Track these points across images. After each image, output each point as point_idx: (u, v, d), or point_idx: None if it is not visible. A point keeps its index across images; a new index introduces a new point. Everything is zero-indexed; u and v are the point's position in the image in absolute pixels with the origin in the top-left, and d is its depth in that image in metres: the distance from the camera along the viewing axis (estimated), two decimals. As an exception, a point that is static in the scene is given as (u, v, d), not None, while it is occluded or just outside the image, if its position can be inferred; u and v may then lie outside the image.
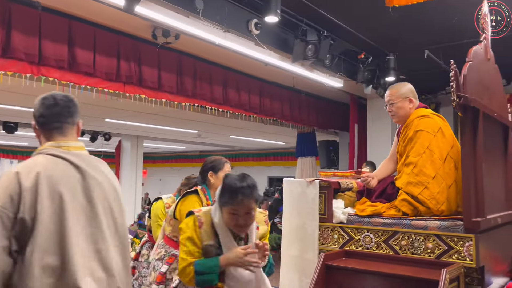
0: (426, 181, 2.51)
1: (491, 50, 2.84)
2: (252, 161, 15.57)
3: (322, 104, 8.26)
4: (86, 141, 10.77)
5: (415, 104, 2.81)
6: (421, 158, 2.56)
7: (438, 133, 2.63)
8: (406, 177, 2.58)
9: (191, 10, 3.81)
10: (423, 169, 2.53)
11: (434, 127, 2.64)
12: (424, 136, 2.61)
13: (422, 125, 2.65)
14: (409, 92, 2.82)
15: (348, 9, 4.75)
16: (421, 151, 2.58)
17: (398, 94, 2.81)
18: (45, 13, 4.23)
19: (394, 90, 2.84)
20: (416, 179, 2.53)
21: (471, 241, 2.28)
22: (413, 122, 2.70)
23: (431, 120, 2.69)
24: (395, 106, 2.82)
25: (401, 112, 2.80)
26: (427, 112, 2.78)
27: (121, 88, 5.01)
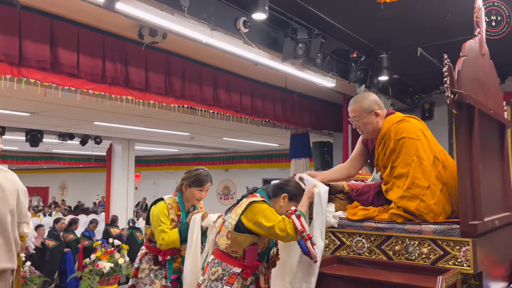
0: (420, 194, 2.33)
1: (486, 45, 2.73)
2: (247, 163, 15.45)
3: (315, 104, 8.14)
4: (76, 145, 10.61)
5: (382, 115, 2.60)
6: (411, 168, 2.38)
7: (420, 136, 2.45)
8: (399, 190, 2.39)
9: (176, 8, 3.67)
10: (415, 181, 2.35)
11: (415, 131, 2.47)
12: (408, 143, 2.42)
13: (402, 131, 2.46)
14: (373, 105, 2.59)
15: (339, 7, 4.64)
16: (409, 160, 2.40)
17: (361, 109, 2.58)
18: (25, 12, 4.08)
19: (357, 105, 2.61)
20: (409, 193, 2.35)
21: (468, 245, 2.16)
22: (391, 131, 2.50)
23: (410, 124, 2.51)
24: (361, 122, 2.60)
25: (369, 128, 2.60)
26: (400, 116, 2.60)
27: (107, 89, 4.87)
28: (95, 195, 19.86)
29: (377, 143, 2.59)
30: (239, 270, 2.43)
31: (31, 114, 7.34)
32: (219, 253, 2.52)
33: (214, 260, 2.52)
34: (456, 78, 2.17)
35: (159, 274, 3.14)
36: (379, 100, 2.67)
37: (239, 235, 2.44)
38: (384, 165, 2.56)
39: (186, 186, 3.19)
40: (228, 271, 2.45)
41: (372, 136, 2.67)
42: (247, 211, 2.44)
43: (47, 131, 9.61)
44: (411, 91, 7.58)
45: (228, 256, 2.48)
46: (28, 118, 7.72)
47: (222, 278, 2.44)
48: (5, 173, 2.51)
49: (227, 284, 2.41)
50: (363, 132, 2.67)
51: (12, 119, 7.95)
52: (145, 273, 3.15)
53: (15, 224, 2.49)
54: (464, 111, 2.22)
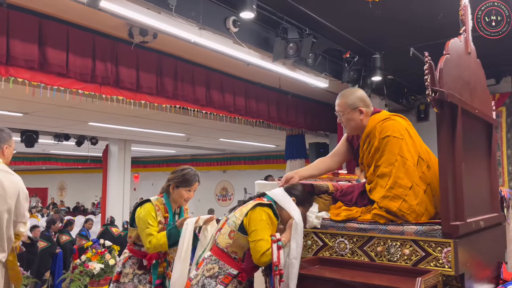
0: (403, 194, 2.30)
1: (472, 44, 2.69)
2: (244, 164, 15.41)
3: (310, 105, 8.11)
4: (72, 146, 10.58)
5: (367, 113, 2.56)
6: (394, 167, 2.34)
7: (405, 136, 2.41)
8: (382, 190, 2.36)
9: (164, 6, 3.64)
10: (398, 180, 2.32)
11: (400, 130, 2.43)
12: (392, 142, 2.39)
13: (387, 130, 2.42)
14: (358, 102, 2.55)
15: (330, 7, 4.61)
16: (392, 160, 2.36)
17: (346, 104, 2.54)
18: (13, 11, 4.06)
19: (342, 100, 2.57)
20: (392, 192, 2.31)
21: (449, 246, 2.11)
22: (376, 129, 2.46)
23: (395, 122, 2.48)
24: (344, 118, 2.57)
25: (351, 124, 2.57)
26: (386, 114, 2.56)
27: (97, 89, 4.84)
28: (94, 196, 19.83)
29: (362, 141, 2.56)
30: (236, 272, 2.37)
31: (24, 114, 7.32)
32: (217, 251, 2.44)
33: (211, 257, 2.45)
34: (438, 77, 2.14)
35: (143, 279, 3.00)
36: (365, 97, 2.63)
37: (242, 237, 2.38)
38: (368, 164, 2.52)
39: (174, 187, 3.07)
40: (224, 270, 2.38)
41: (354, 133, 2.64)
42: (251, 212, 2.39)
43: (43, 131, 9.58)
44: (406, 92, 7.54)
45: (227, 256, 2.41)
46: (21, 118, 7.69)
47: (217, 276, 2.37)
48: (11, 176, 2.70)
49: (221, 284, 2.34)
50: (346, 128, 2.65)
51: (6, 120, 7.91)
52: (129, 278, 3.01)
53: (11, 222, 2.64)
54: (446, 110, 2.18)
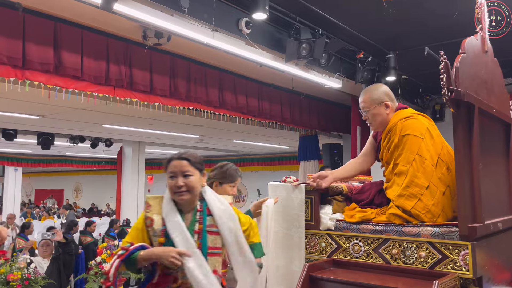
0: (419, 193, 2.28)
1: (489, 42, 2.64)
2: (257, 165, 15.39)
3: (323, 106, 8.06)
4: (87, 148, 10.70)
5: (392, 107, 2.56)
6: (412, 167, 2.33)
7: (426, 135, 2.40)
8: (398, 188, 2.35)
9: (176, 8, 3.65)
10: (415, 179, 2.30)
11: (421, 129, 2.41)
12: (412, 141, 2.37)
13: (407, 128, 2.41)
14: (383, 96, 2.55)
15: (343, 7, 4.58)
16: (410, 158, 2.35)
17: (371, 100, 2.55)
18: (29, 16, 4.12)
19: (367, 95, 2.58)
20: (408, 191, 2.30)
21: (467, 249, 2.07)
22: (397, 126, 2.45)
23: (417, 122, 2.46)
24: (370, 114, 2.57)
25: (378, 119, 2.56)
26: (409, 112, 2.55)
27: (111, 92, 4.88)
28: (109, 197, 20.02)
29: (383, 136, 2.55)
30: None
31: (40, 117, 7.42)
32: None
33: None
34: (454, 76, 2.10)
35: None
36: (390, 92, 2.62)
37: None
38: (387, 161, 2.51)
39: (217, 184, 2.85)
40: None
41: (381, 129, 2.62)
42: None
43: (58, 134, 9.71)
44: (421, 92, 7.45)
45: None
46: (37, 121, 7.81)
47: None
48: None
49: None
50: (372, 124, 2.63)
51: (23, 122, 8.05)
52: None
53: None
54: (462, 110, 2.14)
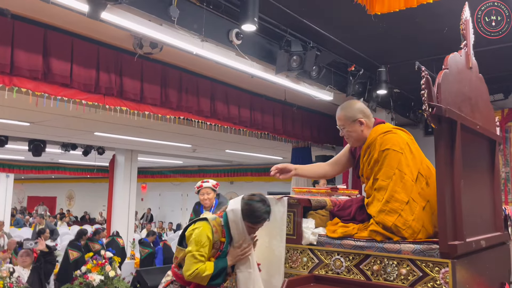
0: (399, 208, 2.26)
1: (473, 58, 2.64)
2: (251, 176, 15.34)
3: (316, 118, 8.06)
4: (78, 155, 10.63)
5: (367, 123, 2.55)
6: (392, 181, 2.31)
7: (405, 150, 2.39)
8: (378, 204, 2.33)
9: (166, 18, 3.64)
10: (395, 194, 2.29)
11: (400, 144, 2.40)
12: (392, 155, 2.36)
13: (387, 143, 2.41)
14: (357, 114, 2.55)
15: (334, 20, 4.59)
16: (390, 173, 2.33)
17: (345, 117, 2.56)
18: (18, 22, 4.10)
19: (342, 113, 2.58)
20: (388, 207, 2.28)
21: (447, 267, 2.05)
22: (376, 141, 2.44)
23: (396, 136, 2.45)
24: (345, 131, 2.58)
25: (353, 135, 2.57)
26: (388, 127, 2.55)
27: (101, 100, 4.85)
28: (102, 206, 19.88)
29: (362, 152, 2.54)
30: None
31: (30, 123, 7.37)
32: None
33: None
34: (436, 92, 2.09)
35: None
36: (365, 108, 2.63)
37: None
38: (367, 177, 2.50)
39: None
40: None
41: (357, 145, 2.63)
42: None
43: (50, 141, 9.65)
44: (413, 105, 7.46)
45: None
46: (28, 127, 7.76)
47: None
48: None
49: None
50: (348, 140, 2.65)
51: (14, 129, 7.99)
52: None
53: None
54: (444, 126, 2.13)
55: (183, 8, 3.71)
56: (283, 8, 4.16)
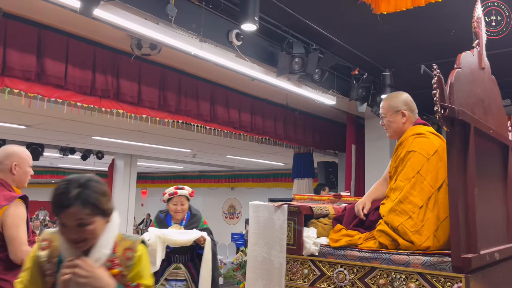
0: (411, 210, 2.12)
1: (486, 59, 2.49)
2: (252, 182, 15.17)
3: (318, 123, 7.91)
4: (77, 160, 10.49)
5: (410, 118, 2.47)
6: (409, 183, 2.19)
7: (433, 156, 2.25)
8: (390, 203, 2.21)
9: (163, 17, 3.51)
10: (410, 197, 2.16)
11: (428, 149, 2.27)
12: (416, 158, 2.24)
13: (415, 145, 2.29)
14: (401, 105, 2.49)
15: (338, 22, 4.45)
16: (410, 175, 2.21)
17: (389, 106, 2.51)
18: (11, 21, 3.97)
19: (386, 102, 2.55)
20: (400, 207, 2.15)
21: (460, 282, 1.88)
22: (407, 141, 2.35)
23: (427, 141, 2.32)
24: (386, 120, 2.52)
25: (392, 126, 2.49)
26: (424, 130, 2.41)
27: (97, 102, 4.71)
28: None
29: (396, 148, 2.43)
30: None
31: (27, 127, 7.24)
32: None
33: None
34: (448, 92, 1.94)
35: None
36: (411, 102, 2.56)
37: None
38: (391, 175, 2.40)
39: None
40: None
41: (395, 137, 2.53)
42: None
43: (48, 145, 9.52)
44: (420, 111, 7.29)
45: None
46: (25, 131, 7.62)
47: None
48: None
49: None
50: (387, 131, 2.56)
51: (10, 132, 7.86)
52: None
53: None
54: (457, 129, 1.97)
55: (181, 6, 3.58)
56: (285, 8, 4.02)
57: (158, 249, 3.34)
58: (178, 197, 3.63)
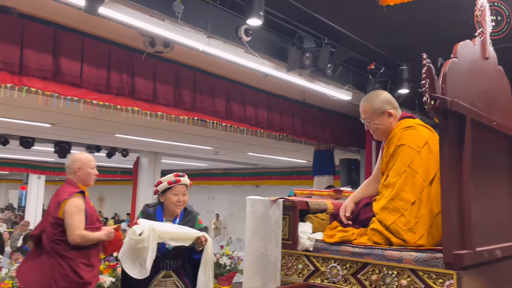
0: (403, 208, 2.05)
1: (491, 48, 2.39)
2: (276, 179, 15.15)
3: (338, 119, 7.81)
4: (102, 157, 10.75)
5: (396, 115, 2.35)
6: (401, 179, 2.11)
7: (423, 149, 2.16)
8: (383, 201, 2.13)
9: (169, 14, 3.55)
10: (401, 193, 2.08)
11: (418, 141, 2.19)
12: (406, 152, 2.15)
13: (404, 138, 2.20)
14: (385, 105, 2.34)
15: (349, 14, 4.37)
16: (400, 170, 2.13)
17: (372, 110, 2.33)
18: (27, 21, 4.11)
19: (367, 105, 2.36)
20: (392, 205, 2.08)
21: (452, 279, 1.81)
22: (396, 136, 2.25)
23: (416, 133, 2.24)
24: (372, 124, 2.35)
25: (380, 128, 2.35)
26: (412, 122, 2.33)
27: (112, 100, 4.81)
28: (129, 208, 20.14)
29: (385, 146, 2.35)
30: None
31: (52, 125, 7.47)
32: None
33: None
34: (441, 83, 1.87)
35: None
36: (392, 99, 2.42)
37: None
38: (382, 172, 2.31)
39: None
40: None
41: (383, 138, 2.41)
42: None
43: (75, 142, 9.79)
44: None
45: None
46: (50, 129, 7.87)
47: None
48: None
49: None
50: (375, 133, 2.43)
51: (37, 130, 8.13)
52: None
53: None
54: (450, 121, 1.90)
55: (187, 3, 3.60)
56: (294, 3, 3.98)
57: (150, 247, 2.68)
58: (181, 186, 3.01)
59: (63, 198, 3.01)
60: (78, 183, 3.19)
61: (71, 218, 2.96)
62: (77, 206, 3.03)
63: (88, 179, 3.27)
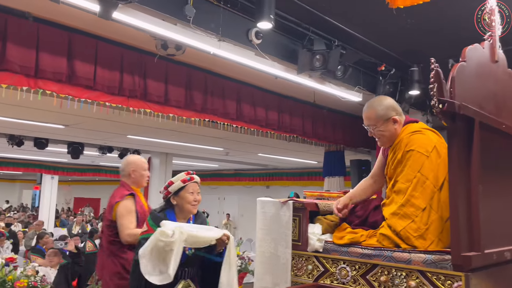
0: (413, 214, 2.07)
1: (501, 52, 2.40)
2: (286, 180, 15.16)
3: (348, 120, 7.81)
4: (114, 158, 10.88)
5: (400, 121, 2.34)
6: (411, 185, 2.12)
7: (432, 153, 2.18)
8: (393, 206, 2.15)
9: (181, 18, 3.60)
10: (411, 199, 2.10)
11: (427, 146, 2.20)
12: (415, 158, 2.17)
13: (413, 143, 2.21)
14: (390, 111, 2.33)
15: (359, 16, 4.39)
16: (411, 176, 2.14)
17: (377, 116, 2.32)
18: (43, 25, 4.20)
19: (371, 112, 2.35)
20: (402, 210, 2.10)
21: (460, 281, 1.84)
22: (403, 141, 2.25)
23: (424, 137, 2.25)
24: (376, 131, 2.34)
25: (386, 135, 2.34)
26: (418, 127, 2.34)
27: (125, 102, 4.89)
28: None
29: (390, 151, 2.35)
30: None
31: (65, 126, 7.59)
32: None
33: None
34: (449, 87, 1.89)
35: None
36: (396, 105, 2.42)
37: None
38: (390, 177, 2.32)
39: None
40: None
41: (388, 144, 2.41)
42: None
43: (88, 143, 9.93)
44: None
45: None
46: (64, 130, 8.00)
47: None
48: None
49: None
50: (379, 140, 2.42)
51: (51, 131, 8.27)
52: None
53: None
54: (459, 124, 1.92)
55: (198, 7, 3.66)
56: (304, 5, 4.02)
57: (176, 251, 2.40)
58: (194, 184, 2.77)
59: (115, 201, 3.16)
60: (131, 185, 3.31)
61: (122, 219, 3.08)
62: (127, 207, 3.13)
63: (141, 181, 3.39)
